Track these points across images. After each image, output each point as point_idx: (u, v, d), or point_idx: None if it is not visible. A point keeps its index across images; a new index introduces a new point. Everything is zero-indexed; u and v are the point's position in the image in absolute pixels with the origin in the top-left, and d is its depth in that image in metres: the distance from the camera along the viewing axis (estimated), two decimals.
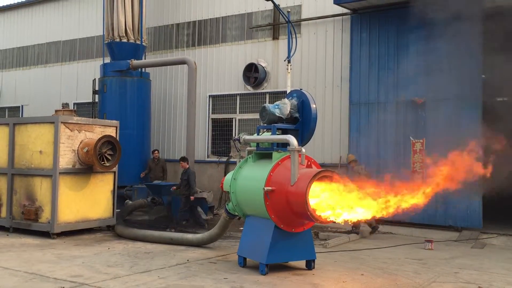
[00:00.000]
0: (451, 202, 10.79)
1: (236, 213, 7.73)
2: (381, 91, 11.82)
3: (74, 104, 17.69)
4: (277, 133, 7.29)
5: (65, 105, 11.20)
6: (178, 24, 15.88)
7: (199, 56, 15.16)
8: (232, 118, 14.65)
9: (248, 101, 14.35)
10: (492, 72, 11.28)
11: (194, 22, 15.54)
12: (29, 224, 9.60)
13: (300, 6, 13.50)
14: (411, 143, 11.26)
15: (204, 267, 7.17)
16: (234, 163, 13.33)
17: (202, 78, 14.91)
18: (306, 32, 13.35)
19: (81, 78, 17.84)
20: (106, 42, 14.53)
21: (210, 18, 15.19)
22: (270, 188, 6.71)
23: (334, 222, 6.59)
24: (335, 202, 6.38)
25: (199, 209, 11.77)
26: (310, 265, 7.15)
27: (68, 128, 9.59)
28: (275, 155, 7.08)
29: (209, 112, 15.03)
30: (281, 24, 13.71)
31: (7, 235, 9.60)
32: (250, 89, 14.16)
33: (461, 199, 10.67)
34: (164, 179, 13.71)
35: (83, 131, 9.84)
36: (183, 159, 11.53)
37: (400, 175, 6.45)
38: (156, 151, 14.01)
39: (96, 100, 15.10)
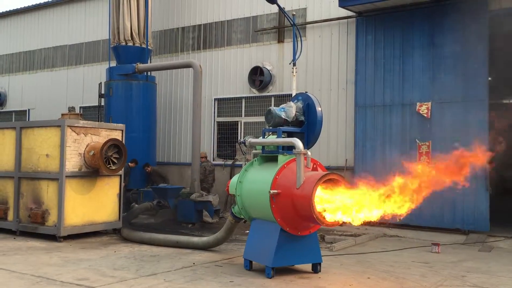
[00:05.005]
0: (458, 204, 10.75)
1: (242, 216, 7.72)
2: (386, 94, 11.80)
3: (80, 107, 17.79)
4: (282, 136, 7.29)
5: (71, 109, 11.27)
6: (183, 28, 15.94)
7: (204, 59, 15.19)
8: (237, 121, 14.67)
9: (253, 104, 14.37)
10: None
11: (200, 25, 15.59)
12: (35, 227, 9.63)
13: (305, 9, 13.52)
14: (417, 146, 11.23)
15: (210, 270, 7.16)
16: (240, 166, 13.36)
17: (207, 82, 14.94)
18: (311, 35, 13.36)
19: (87, 82, 17.93)
20: (112, 46, 14.60)
21: (216, 22, 15.23)
22: (275, 191, 6.70)
23: (340, 225, 6.57)
24: (341, 204, 6.35)
25: (205, 212, 11.78)
26: (316, 269, 7.13)
27: (75, 131, 9.63)
28: (281, 158, 7.07)
29: (214, 115, 15.05)
30: (286, 27, 13.72)
31: (14, 238, 9.64)
32: (255, 92, 14.17)
33: (468, 201, 10.64)
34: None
35: (89, 135, 9.87)
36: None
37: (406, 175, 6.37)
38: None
39: (102, 103, 15.16)
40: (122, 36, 14.24)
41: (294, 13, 12.58)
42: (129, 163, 13.01)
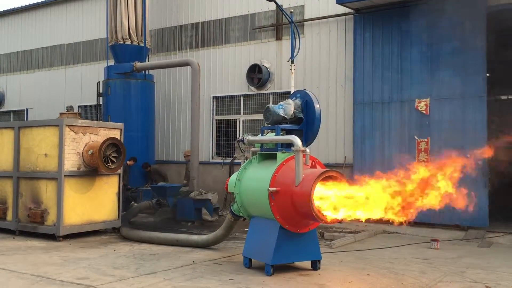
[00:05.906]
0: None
1: (241, 214, 7.73)
2: (385, 91, 11.80)
3: (78, 107, 17.78)
4: (281, 133, 7.29)
5: (70, 108, 11.26)
6: (181, 26, 15.92)
7: (202, 57, 15.18)
8: (236, 119, 14.66)
9: (252, 102, 14.36)
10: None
11: (197, 23, 15.57)
12: (35, 227, 9.63)
13: (303, 6, 13.50)
14: (415, 142, 11.23)
15: (210, 268, 7.17)
16: (239, 164, 13.37)
17: (205, 80, 14.94)
18: (309, 32, 13.35)
19: (85, 81, 17.91)
20: (110, 44, 14.57)
21: (213, 20, 15.21)
22: (274, 188, 6.70)
23: (340, 222, 6.57)
24: (340, 202, 6.36)
25: (204, 210, 11.79)
26: (315, 266, 7.14)
27: (73, 131, 9.61)
28: (280, 155, 7.07)
29: (213, 114, 15.04)
30: (284, 25, 13.71)
31: (13, 238, 9.63)
32: (253, 90, 14.17)
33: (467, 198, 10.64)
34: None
35: (88, 134, 9.86)
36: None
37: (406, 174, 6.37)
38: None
39: (101, 102, 15.16)
40: (119, 35, 14.22)
41: (292, 10, 12.57)
42: (128, 161, 12.99)
